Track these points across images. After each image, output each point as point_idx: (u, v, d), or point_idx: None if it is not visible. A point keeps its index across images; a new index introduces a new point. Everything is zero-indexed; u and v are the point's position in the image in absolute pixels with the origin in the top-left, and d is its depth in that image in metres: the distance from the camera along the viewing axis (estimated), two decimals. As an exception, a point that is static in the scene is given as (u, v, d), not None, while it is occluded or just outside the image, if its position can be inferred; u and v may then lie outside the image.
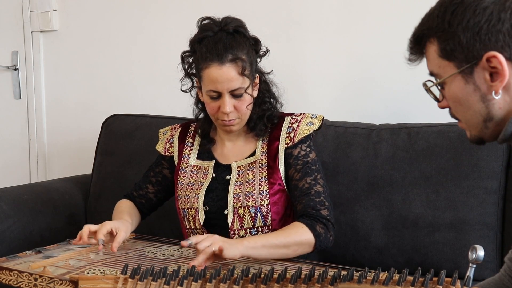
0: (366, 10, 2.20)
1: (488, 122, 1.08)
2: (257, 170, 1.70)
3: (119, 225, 1.60)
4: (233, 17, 1.69)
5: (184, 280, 1.26)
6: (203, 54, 1.63)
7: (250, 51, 1.67)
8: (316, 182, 1.66)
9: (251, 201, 1.66)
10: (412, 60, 1.16)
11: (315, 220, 1.60)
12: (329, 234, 1.60)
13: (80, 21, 2.71)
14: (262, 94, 1.74)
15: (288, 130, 1.73)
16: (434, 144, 1.87)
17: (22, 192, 2.22)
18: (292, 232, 1.55)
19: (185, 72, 1.74)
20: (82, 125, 2.73)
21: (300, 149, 1.71)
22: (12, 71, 2.85)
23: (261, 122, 1.73)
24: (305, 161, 1.69)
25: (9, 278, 1.37)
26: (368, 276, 1.28)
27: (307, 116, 1.75)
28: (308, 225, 1.57)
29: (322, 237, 1.58)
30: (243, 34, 1.67)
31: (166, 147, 1.84)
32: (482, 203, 1.79)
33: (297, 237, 1.55)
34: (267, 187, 1.67)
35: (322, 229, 1.59)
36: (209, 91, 1.64)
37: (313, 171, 1.68)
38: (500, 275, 1.24)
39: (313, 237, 1.56)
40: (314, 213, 1.61)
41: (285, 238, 1.53)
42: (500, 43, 1.03)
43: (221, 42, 1.62)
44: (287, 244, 1.53)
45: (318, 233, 1.57)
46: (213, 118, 1.71)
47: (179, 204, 1.75)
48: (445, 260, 1.80)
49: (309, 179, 1.67)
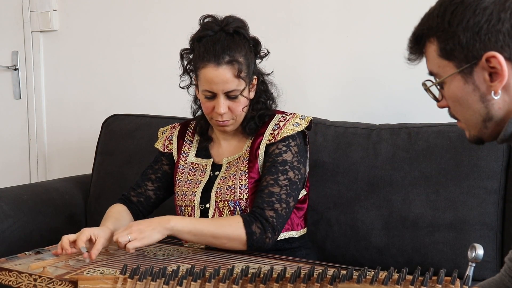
0: (366, 10, 2.20)
1: (488, 122, 1.08)
2: (239, 164, 1.70)
3: (98, 232, 1.54)
4: (235, 17, 1.68)
5: (183, 280, 1.26)
6: (200, 54, 1.63)
7: (248, 53, 1.66)
8: (275, 182, 1.63)
9: (231, 195, 1.66)
10: (411, 60, 1.16)
11: (255, 218, 1.58)
12: (265, 235, 1.57)
13: (80, 21, 2.71)
14: (258, 95, 1.73)
15: (274, 127, 1.71)
16: (434, 144, 1.87)
17: (22, 192, 2.22)
18: (225, 224, 1.57)
19: (184, 68, 1.74)
20: (82, 125, 2.73)
21: (276, 147, 1.68)
22: (12, 71, 2.85)
23: (252, 121, 1.72)
24: (275, 160, 1.66)
25: (8, 279, 1.37)
26: (368, 276, 1.28)
27: (296, 117, 1.73)
28: (245, 222, 1.56)
29: (255, 236, 1.56)
30: (243, 35, 1.67)
31: (165, 144, 1.84)
32: (482, 203, 1.79)
33: (228, 231, 1.55)
34: (246, 182, 1.66)
35: (258, 228, 1.57)
36: (205, 90, 1.65)
37: (278, 171, 1.64)
38: (500, 275, 1.24)
39: (245, 234, 1.55)
40: (258, 211, 1.59)
41: (216, 229, 1.55)
42: (500, 43, 1.03)
43: (219, 43, 1.62)
44: (216, 235, 1.55)
45: (252, 232, 1.56)
46: (208, 117, 1.71)
47: (177, 201, 1.76)
48: (445, 260, 1.80)
49: (269, 177, 1.64)
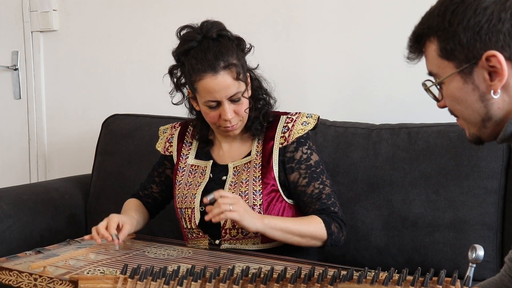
0: (366, 10, 2.20)
1: (487, 122, 1.08)
2: (251, 170, 1.69)
3: (125, 219, 1.63)
4: (212, 21, 1.65)
5: (183, 280, 1.26)
6: (193, 66, 1.60)
7: (238, 53, 1.65)
8: (324, 185, 1.69)
9: (245, 201, 1.65)
10: (411, 59, 1.16)
11: (332, 218, 1.65)
12: (341, 234, 1.66)
13: (80, 21, 2.71)
14: (255, 91, 1.73)
15: (283, 130, 1.72)
16: (434, 144, 1.87)
17: (22, 192, 2.22)
18: (310, 225, 1.62)
19: (175, 85, 1.72)
20: (82, 125, 2.73)
21: (302, 152, 1.70)
22: (12, 71, 2.85)
23: (257, 121, 1.72)
24: (308, 165, 1.69)
25: (9, 278, 1.37)
26: (368, 276, 1.28)
27: (303, 116, 1.74)
28: (325, 222, 1.63)
29: (334, 235, 1.64)
30: (227, 37, 1.64)
31: (165, 146, 1.84)
32: (482, 203, 1.79)
33: (313, 230, 1.61)
34: (260, 187, 1.67)
35: (336, 228, 1.64)
36: (207, 101, 1.63)
37: (319, 174, 1.69)
38: (501, 275, 1.24)
39: (326, 234, 1.62)
40: (331, 213, 1.66)
41: (303, 228, 1.60)
42: (500, 43, 1.03)
43: (209, 51, 1.59)
44: (303, 234, 1.60)
45: (332, 232, 1.63)
46: (214, 126, 1.70)
47: (177, 203, 1.75)
48: (445, 260, 1.80)
49: (317, 184, 1.68)
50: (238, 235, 1.67)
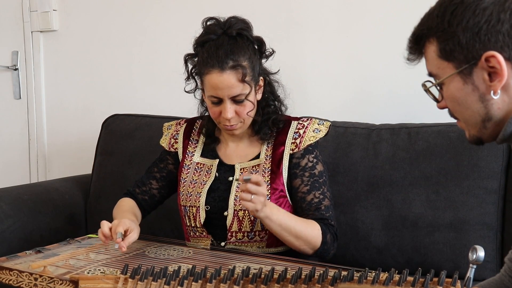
0: (366, 10, 2.20)
1: (487, 122, 1.09)
2: (260, 174, 1.68)
3: (134, 226, 1.58)
4: (238, 18, 1.66)
5: (184, 280, 1.26)
6: (204, 59, 1.62)
7: (252, 55, 1.64)
8: (324, 196, 1.68)
9: None
10: (411, 60, 1.16)
11: (328, 229, 1.64)
12: (332, 247, 1.65)
13: (80, 21, 2.71)
14: (266, 96, 1.73)
15: (294, 135, 1.71)
16: (434, 144, 1.87)
17: (22, 192, 2.22)
18: (309, 228, 1.60)
19: (189, 73, 1.73)
20: (82, 125, 2.73)
21: (308, 160, 1.70)
22: (12, 71, 2.85)
23: (266, 126, 1.71)
24: (312, 174, 1.69)
25: (9, 278, 1.37)
26: (369, 277, 1.29)
27: (314, 122, 1.73)
28: (322, 230, 1.62)
29: (327, 246, 1.63)
30: (246, 37, 1.65)
31: (170, 143, 1.83)
32: (482, 203, 1.79)
33: (309, 235, 1.59)
34: (269, 192, 1.66)
35: (330, 240, 1.63)
36: (210, 96, 1.64)
37: (321, 184, 1.69)
38: (500, 275, 1.24)
39: (320, 243, 1.61)
40: (327, 224, 1.65)
41: (301, 230, 1.58)
42: (499, 43, 1.03)
43: (222, 48, 1.60)
44: (299, 236, 1.58)
45: (326, 241, 1.62)
46: (216, 121, 1.70)
47: (181, 201, 1.74)
48: (445, 260, 1.80)
49: (317, 193, 1.67)
50: (244, 238, 1.66)
